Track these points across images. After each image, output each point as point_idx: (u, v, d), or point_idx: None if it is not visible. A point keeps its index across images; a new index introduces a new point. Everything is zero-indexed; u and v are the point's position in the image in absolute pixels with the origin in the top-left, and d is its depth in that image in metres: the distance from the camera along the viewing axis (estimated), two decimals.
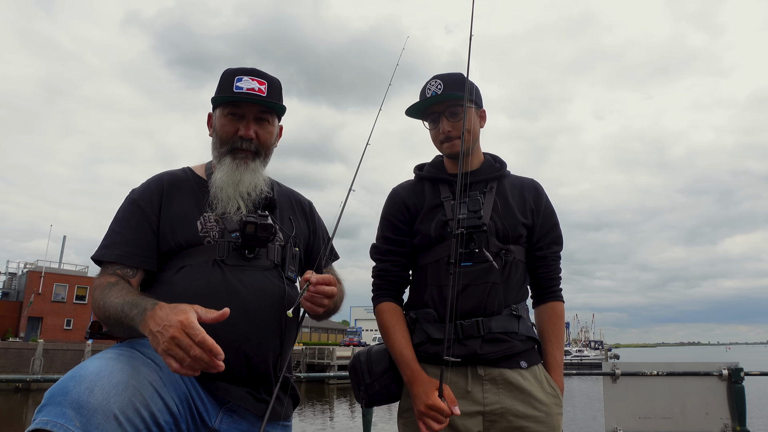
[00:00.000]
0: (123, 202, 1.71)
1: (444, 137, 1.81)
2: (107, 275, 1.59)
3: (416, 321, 1.75)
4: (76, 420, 1.16)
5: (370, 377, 1.76)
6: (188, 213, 1.68)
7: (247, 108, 1.72)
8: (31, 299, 37.94)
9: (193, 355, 1.23)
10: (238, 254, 1.63)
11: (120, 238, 1.62)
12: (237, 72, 1.73)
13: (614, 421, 3.07)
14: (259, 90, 1.71)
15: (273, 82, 1.76)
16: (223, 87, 1.73)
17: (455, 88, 1.78)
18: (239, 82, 1.70)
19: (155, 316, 1.30)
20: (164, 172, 1.79)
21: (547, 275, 1.84)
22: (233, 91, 1.70)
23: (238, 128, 1.71)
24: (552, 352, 1.77)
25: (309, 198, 2.03)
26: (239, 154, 1.72)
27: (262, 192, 1.74)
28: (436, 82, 1.80)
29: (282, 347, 1.64)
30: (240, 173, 1.69)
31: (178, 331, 1.24)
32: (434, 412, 1.53)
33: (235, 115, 1.72)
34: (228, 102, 1.72)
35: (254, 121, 1.73)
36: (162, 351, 1.26)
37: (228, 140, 1.72)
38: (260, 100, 1.71)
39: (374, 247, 1.87)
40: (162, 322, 1.28)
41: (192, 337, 1.24)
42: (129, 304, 1.41)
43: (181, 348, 1.24)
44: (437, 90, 1.79)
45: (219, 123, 1.74)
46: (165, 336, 1.25)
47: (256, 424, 1.56)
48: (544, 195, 1.90)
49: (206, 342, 1.24)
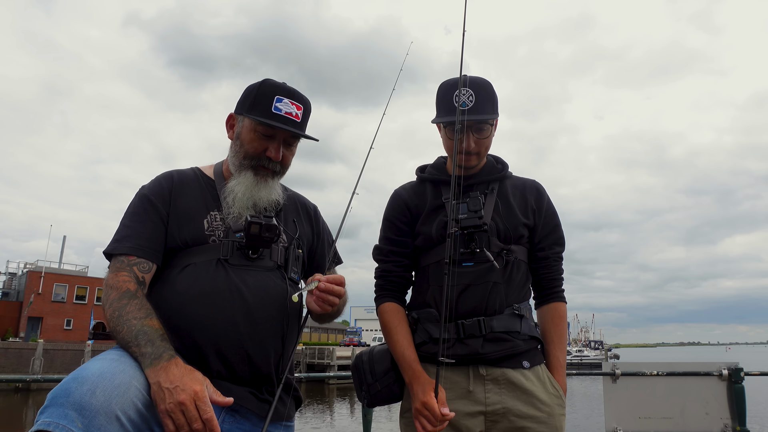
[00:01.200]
0: (134, 197, 1.72)
1: (466, 151, 1.77)
2: (124, 274, 1.56)
3: (418, 321, 1.76)
4: (78, 421, 1.16)
5: (372, 377, 1.77)
6: (196, 211, 1.68)
7: (281, 131, 1.71)
8: (31, 299, 37.97)
9: (195, 428, 1.26)
10: (241, 254, 1.63)
11: (131, 231, 1.63)
12: (277, 90, 1.71)
13: (614, 421, 3.08)
14: (296, 116, 1.71)
15: (307, 106, 1.76)
16: (259, 102, 1.70)
17: (486, 102, 1.75)
18: (279, 103, 1.69)
19: (169, 372, 1.32)
20: (174, 170, 1.80)
21: (549, 276, 1.84)
22: (272, 111, 1.69)
23: (266, 147, 1.71)
24: (554, 353, 1.78)
25: (309, 198, 2.03)
26: (261, 171, 1.72)
27: (275, 202, 1.75)
28: (467, 92, 1.75)
29: (284, 348, 1.65)
30: (258, 190, 1.71)
31: (189, 400, 1.27)
32: (427, 411, 1.54)
33: (266, 135, 1.71)
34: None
35: (283, 143, 1.73)
36: (164, 410, 1.27)
37: (255, 156, 1.71)
38: (296, 130, 1.71)
39: (377, 249, 1.88)
40: (175, 382, 1.29)
41: (201, 413, 1.27)
42: (146, 337, 1.39)
43: (185, 416, 1.26)
44: (469, 102, 1.73)
45: (248, 136, 1.72)
46: (174, 398, 1.27)
47: (259, 424, 1.56)
48: (546, 196, 1.90)
49: (212, 422, 1.27)
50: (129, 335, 1.41)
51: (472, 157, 1.78)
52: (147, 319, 1.45)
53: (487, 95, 1.77)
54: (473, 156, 1.78)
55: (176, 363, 1.35)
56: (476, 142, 1.77)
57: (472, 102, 1.73)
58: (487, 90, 1.77)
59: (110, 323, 1.49)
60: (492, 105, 1.76)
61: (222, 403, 1.34)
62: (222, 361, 1.52)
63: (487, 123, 1.76)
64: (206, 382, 1.36)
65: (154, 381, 1.31)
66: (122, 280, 1.54)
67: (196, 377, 1.34)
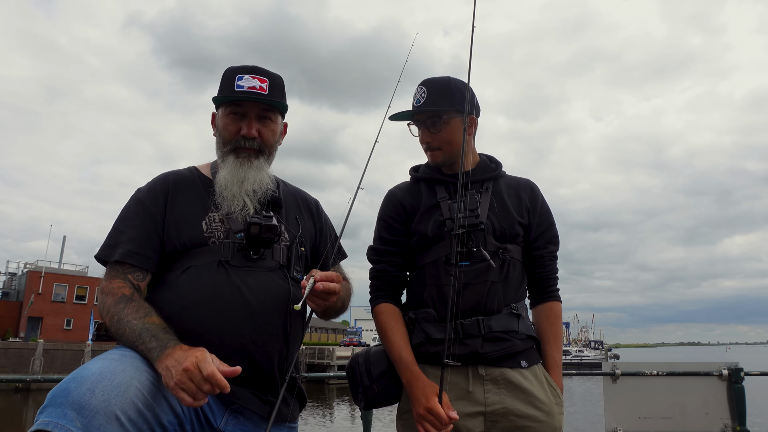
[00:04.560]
0: (128, 201, 1.71)
1: (425, 147, 1.84)
2: (119, 281, 1.57)
3: (415, 321, 1.75)
4: (77, 421, 1.16)
5: (368, 379, 1.75)
6: (193, 213, 1.67)
7: (249, 107, 1.71)
8: (31, 299, 37.92)
9: (205, 390, 1.28)
10: (242, 255, 1.62)
11: (124, 237, 1.62)
12: (238, 70, 1.72)
13: (614, 421, 3.07)
14: (261, 88, 1.70)
15: (275, 79, 1.74)
16: (224, 86, 1.72)
17: (438, 97, 1.78)
18: (240, 81, 1.70)
19: (175, 354, 1.34)
20: (170, 172, 1.78)
21: (545, 275, 1.84)
22: (234, 90, 1.69)
23: (240, 127, 1.71)
24: (551, 352, 1.78)
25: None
26: (242, 153, 1.71)
27: (267, 189, 1.74)
28: (421, 89, 1.81)
29: (288, 348, 1.64)
30: (244, 171, 1.69)
31: (192, 365, 1.29)
32: (432, 416, 1.53)
33: (237, 114, 1.71)
34: (230, 101, 1.71)
35: (256, 119, 1.72)
36: (173, 385, 1.29)
37: (231, 139, 1.71)
38: (261, 99, 1.70)
39: (371, 249, 1.87)
40: (179, 359, 1.32)
41: (202, 371, 1.28)
42: (149, 333, 1.41)
43: (193, 381, 1.28)
44: (421, 98, 1.80)
45: (222, 122, 1.74)
46: (179, 368, 1.29)
47: (262, 425, 1.56)
48: (540, 195, 1.90)
49: (214, 377, 1.29)
50: (133, 335, 1.42)
51: (436, 153, 1.82)
52: (147, 317, 1.45)
53: (441, 92, 1.79)
54: (437, 151, 1.82)
55: (181, 347, 1.37)
56: (431, 136, 1.80)
57: (423, 97, 1.79)
58: (441, 86, 1.80)
59: (111, 328, 1.49)
60: (446, 101, 1.77)
61: (228, 372, 1.34)
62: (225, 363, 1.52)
63: (438, 117, 1.78)
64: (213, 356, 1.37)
65: (162, 367, 1.33)
66: (117, 287, 1.55)
67: (198, 349, 1.36)
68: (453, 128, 1.79)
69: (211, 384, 1.28)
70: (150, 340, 1.39)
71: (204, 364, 1.29)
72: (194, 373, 1.28)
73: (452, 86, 1.79)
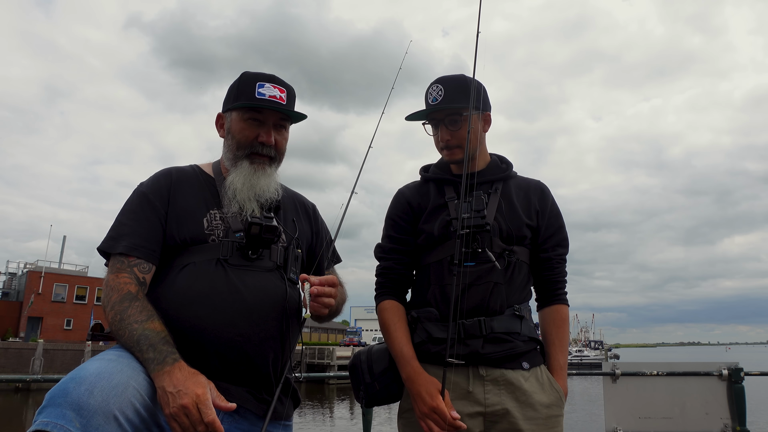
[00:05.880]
0: (131, 194, 1.70)
1: (444, 145, 1.82)
2: (125, 275, 1.55)
3: (418, 320, 1.75)
4: (76, 421, 1.16)
5: (370, 377, 1.76)
6: (195, 209, 1.68)
7: (268, 115, 1.73)
8: (31, 299, 37.95)
9: (199, 431, 1.29)
10: (241, 254, 1.63)
11: (128, 229, 1.62)
12: (258, 77, 1.73)
13: (614, 421, 3.07)
14: (280, 98, 1.73)
15: (291, 90, 1.78)
16: (243, 91, 1.73)
17: (456, 94, 1.77)
18: (261, 89, 1.71)
19: (173, 376, 1.34)
20: (172, 167, 1.79)
21: (552, 278, 1.83)
22: (255, 96, 1.70)
23: (258, 134, 1.72)
24: (555, 355, 1.77)
25: (310, 199, 2.03)
26: (257, 159, 1.73)
27: (275, 196, 1.75)
28: (437, 88, 1.80)
29: (283, 348, 1.65)
30: (257, 178, 1.71)
31: (191, 403, 1.29)
32: (436, 415, 1.53)
33: (256, 121, 1.73)
34: (249, 107, 1.72)
35: (273, 127, 1.74)
36: (169, 414, 1.30)
37: (247, 144, 1.73)
38: (283, 109, 1.73)
39: (378, 246, 1.88)
40: (178, 386, 1.32)
41: (203, 416, 1.29)
42: (147, 341, 1.40)
43: (188, 419, 1.28)
44: (438, 96, 1.79)
45: (237, 126, 1.74)
46: (177, 402, 1.29)
47: (257, 423, 1.57)
48: (551, 197, 1.89)
49: (215, 425, 1.29)
50: (131, 340, 1.42)
51: (455, 151, 1.80)
52: (148, 322, 1.45)
53: (458, 88, 1.77)
54: (456, 149, 1.80)
55: (180, 367, 1.36)
56: (451, 134, 1.79)
57: (441, 96, 1.78)
58: (458, 83, 1.79)
59: (112, 326, 1.49)
60: (465, 98, 1.75)
61: (225, 408, 1.36)
62: (221, 362, 1.52)
63: (458, 114, 1.77)
64: (210, 385, 1.37)
65: (159, 386, 1.33)
66: (123, 282, 1.54)
67: (199, 381, 1.35)
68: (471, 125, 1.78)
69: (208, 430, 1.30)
70: (147, 349, 1.38)
71: (205, 409, 1.30)
72: (192, 414, 1.29)
73: (471, 84, 1.78)
